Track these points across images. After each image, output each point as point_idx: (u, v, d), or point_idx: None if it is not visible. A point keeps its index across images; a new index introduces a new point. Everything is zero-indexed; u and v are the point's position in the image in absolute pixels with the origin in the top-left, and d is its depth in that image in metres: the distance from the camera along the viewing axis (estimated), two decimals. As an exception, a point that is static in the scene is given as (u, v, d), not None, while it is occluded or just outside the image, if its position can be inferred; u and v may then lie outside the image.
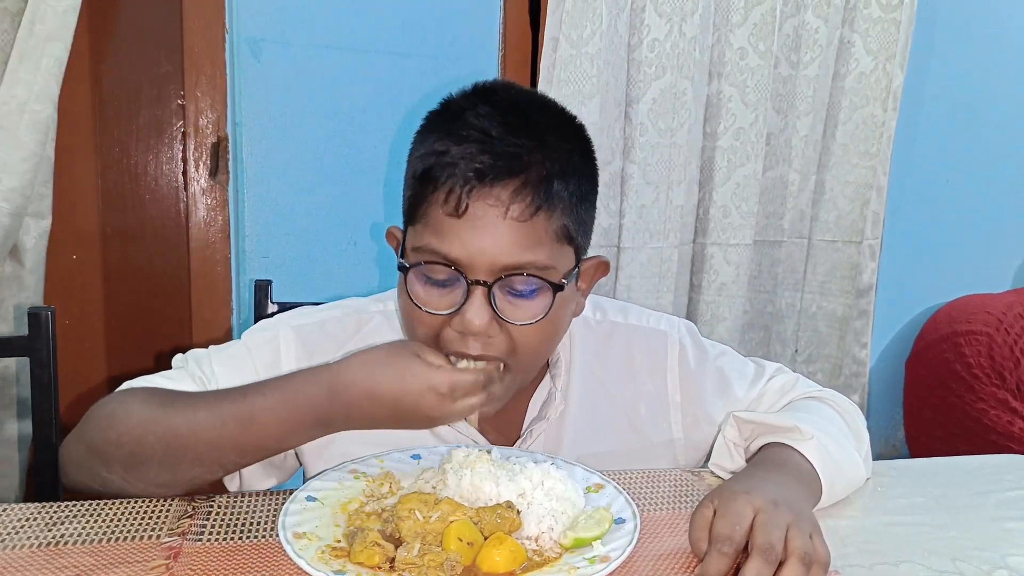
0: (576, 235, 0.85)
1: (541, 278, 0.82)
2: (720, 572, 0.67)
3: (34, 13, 1.34)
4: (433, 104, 0.88)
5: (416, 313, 0.83)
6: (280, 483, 0.95)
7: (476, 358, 0.82)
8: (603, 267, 0.94)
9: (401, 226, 0.89)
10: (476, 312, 0.80)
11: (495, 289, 0.80)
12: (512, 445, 0.95)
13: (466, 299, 0.80)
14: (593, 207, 0.89)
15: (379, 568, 0.66)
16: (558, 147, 0.83)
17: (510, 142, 0.80)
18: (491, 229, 0.79)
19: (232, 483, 0.91)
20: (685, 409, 1.00)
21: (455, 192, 0.79)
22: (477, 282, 0.80)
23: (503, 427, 0.96)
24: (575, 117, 0.89)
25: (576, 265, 0.87)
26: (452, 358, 0.82)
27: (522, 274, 0.81)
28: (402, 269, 0.84)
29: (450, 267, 0.80)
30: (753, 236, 1.89)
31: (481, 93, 0.86)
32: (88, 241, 1.72)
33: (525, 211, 0.79)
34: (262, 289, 1.27)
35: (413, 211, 0.84)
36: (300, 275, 1.73)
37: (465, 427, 0.93)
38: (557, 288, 0.83)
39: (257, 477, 0.92)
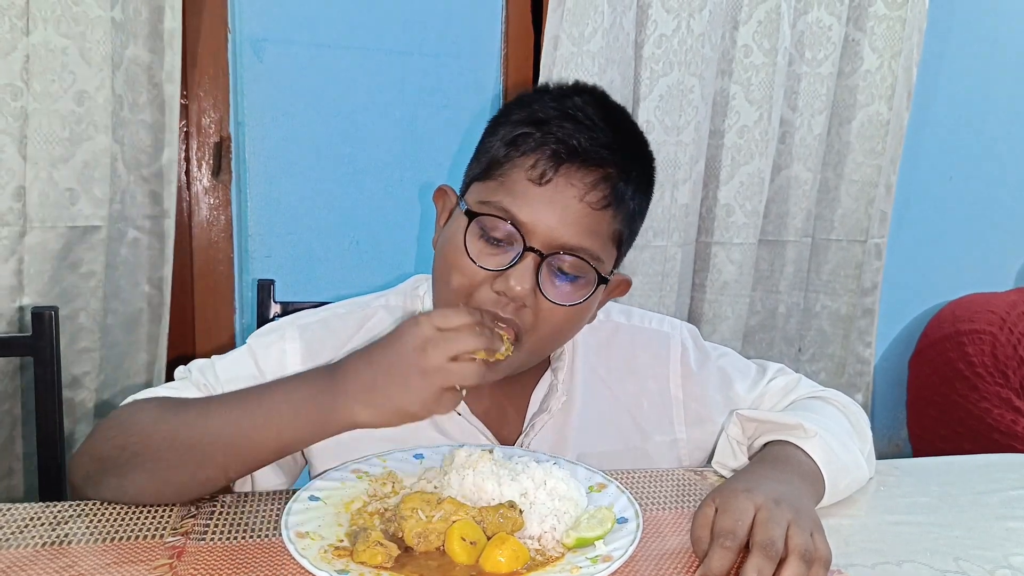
0: (624, 244, 0.89)
1: (591, 266, 0.84)
2: (723, 567, 0.68)
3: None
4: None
5: (461, 261, 0.84)
6: (290, 484, 0.95)
7: (503, 321, 0.83)
8: (624, 285, 0.96)
9: (456, 189, 0.93)
10: (520, 278, 0.81)
11: (544, 263, 0.83)
12: (516, 439, 0.95)
13: (515, 263, 0.82)
14: (639, 228, 0.92)
15: (382, 568, 0.66)
16: (636, 157, 0.88)
17: (607, 133, 0.84)
18: (563, 206, 0.82)
19: (244, 483, 0.90)
20: (688, 407, 1.01)
21: (542, 162, 0.82)
22: (532, 249, 0.82)
23: (506, 421, 0.97)
24: (647, 140, 0.93)
25: (611, 272, 0.89)
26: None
27: (574, 256, 0.83)
28: (468, 214, 0.85)
29: (513, 228, 0.82)
30: (758, 235, 1.89)
31: (578, 88, 0.90)
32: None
33: (600, 200, 0.83)
34: (265, 289, 1.27)
35: (491, 168, 0.86)
36: (303, 274, 1.73)
37: (469, 420, 0.93)
38: (602, 280, 0.86)
39: (267, 477, 0.91)
